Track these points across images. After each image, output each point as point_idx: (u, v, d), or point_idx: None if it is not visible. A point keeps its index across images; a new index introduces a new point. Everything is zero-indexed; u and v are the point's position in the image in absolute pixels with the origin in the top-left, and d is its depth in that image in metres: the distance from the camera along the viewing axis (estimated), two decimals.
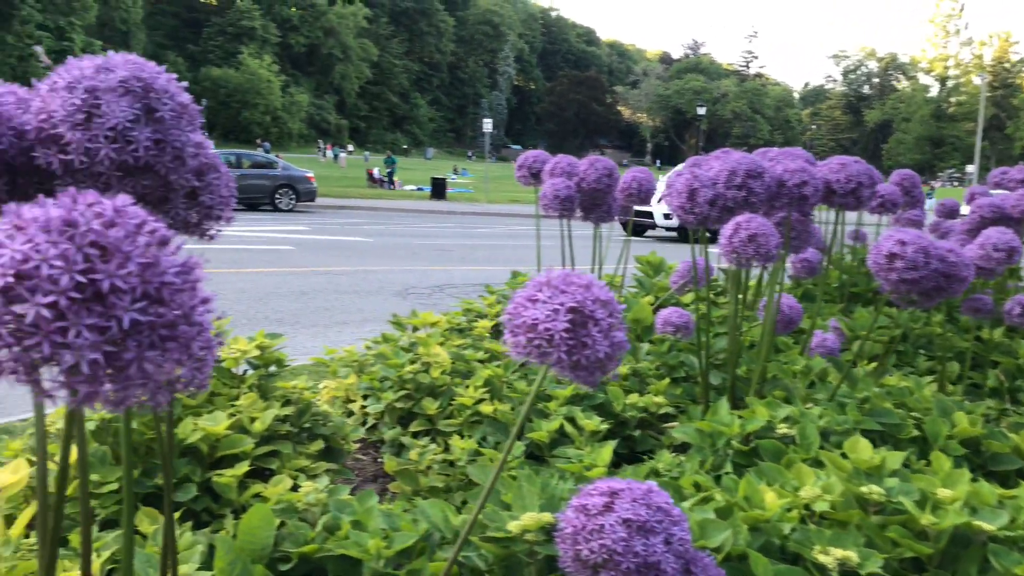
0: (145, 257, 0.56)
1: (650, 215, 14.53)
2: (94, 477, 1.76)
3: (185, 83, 1.01)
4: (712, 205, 2.38)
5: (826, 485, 1.77)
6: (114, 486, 1.77)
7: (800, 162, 2.51)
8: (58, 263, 0.53)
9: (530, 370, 2.91)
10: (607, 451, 1.90)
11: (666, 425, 2.83)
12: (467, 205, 21.94)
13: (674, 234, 15.23)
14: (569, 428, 2.24)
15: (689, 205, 2.39)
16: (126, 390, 0.56)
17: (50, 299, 0.53)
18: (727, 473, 2.15)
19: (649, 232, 15.47)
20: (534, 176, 3.47)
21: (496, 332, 3.58)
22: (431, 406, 2.73)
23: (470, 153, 70.68)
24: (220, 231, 1.13)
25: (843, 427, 2.24)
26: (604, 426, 2.21)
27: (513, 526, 1.28)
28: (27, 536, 1.53)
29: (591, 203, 3.18)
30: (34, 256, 0.53)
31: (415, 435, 2.75)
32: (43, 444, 1.11)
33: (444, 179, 25.54)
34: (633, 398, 2.79)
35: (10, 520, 1.62)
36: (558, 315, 0.99)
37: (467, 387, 2.79)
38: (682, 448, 2.72)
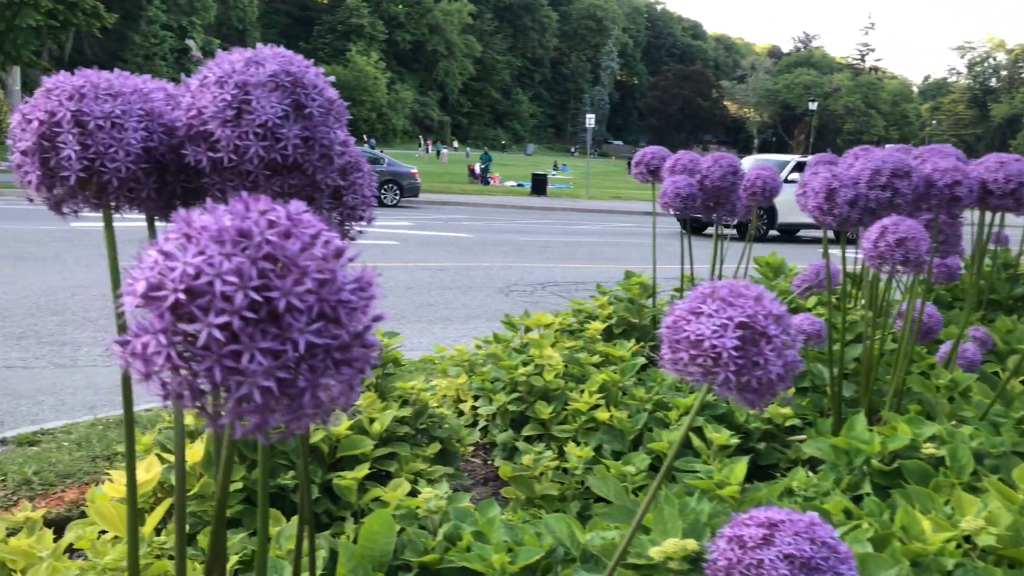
0: (322, 272, 0.50)
1: None
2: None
3: (332, 78, 0.97)
4: (852, 206, 2.22)
5: (989, 515, 1.61)
6: (238, 485, 1.77)
7: (952, 160, 2.32)
8: (232, 279, 0.48)
9: (648, 376, 2.81)
10: (740, 468, 1.79)
11: (792, 438, 2.68)
12: (568, 201, 21.83)
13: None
14: (697, 441, 2.13)
15: (827, 206, 2.24)
16: (298, 420, 0.51)
17: (223, 319, 0.47)
18: (868, 495, 2.01)
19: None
20: (651, 173, 3.35)
21: (608, 334, 3.49)
22: (545, 410, 2.66)
23: (573, 149, 70.30)
24: (362, 232, 1.09)
25: (999, 450, 2.06)
26: (734, 440, 2.09)
27: (655, 552, 1.19)
28: (157, 534, 1.54)
29: (714, 202, 3.04)
30: (207, 270, 0.48)
31: (527, 439, 2.69)
32: (181, 443, 1.09)
33: (545, 175, 25.48)
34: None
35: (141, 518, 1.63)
36: (726, 331, 0.90)
37: (582, 392, 2.71)
38: (808, 464, 2.57)
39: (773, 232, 14.20)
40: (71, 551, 1.67)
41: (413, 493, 1.99)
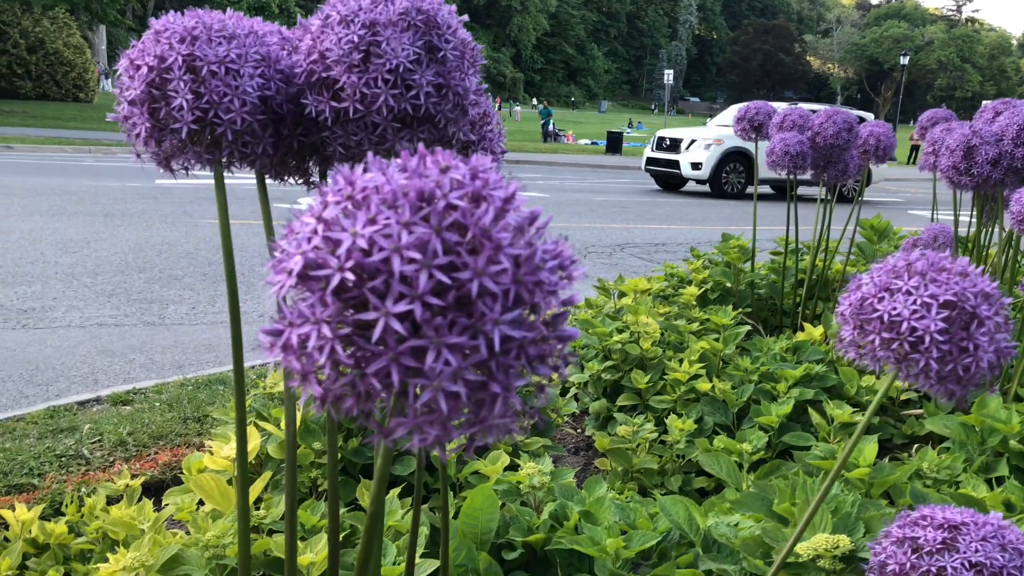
0: (519, 247, 0.39)
1: (675, 164, 12.90)
2: (316, 445, 1.70)
3: (466, 16, 0.85)
4: (995, 165, 2.02)
5: None
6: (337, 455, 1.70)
7: None
8: (414, 255, 0.37)
9: (752, 345, 2.66)
10: (870, 450, 1.64)
11: (908, 412, 2.51)
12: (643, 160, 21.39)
13: (705, 187, 13.05)
14: (816, 418, 1.99)
15: (964, 165, 2.04)
16: (487, 431, 0.40)
17: (403, 306, 0.37)
18: (1007, 477, 1.84)
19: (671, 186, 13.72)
20: (755, 130, 3.16)
21: (703, 300, 3.33)
22: (641, 379, 2.54)
23: (654, 106, 68.72)
24: None
25: None
26: (858, 417, 1.93)
27: (803, 549, 1.07)
28: (256, 508, 1.49)
29: (825, 160, 2.84)
30: (383, 244, 0.37)
31: (622, 409, 2.58)
32: (292, 414, 1.01)
33: (620, 133, 24.98)
34: (870, 380, 2.49)
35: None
36: (930, 311, 0.76)
37: (680, 361, 2.58)
38: (927, 440, 2.40)
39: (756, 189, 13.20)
40: (169, 520, 1.64)
41: (512, 466, 1.91)
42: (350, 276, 0.37)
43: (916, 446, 2.32)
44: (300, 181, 0.95)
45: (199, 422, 2.61)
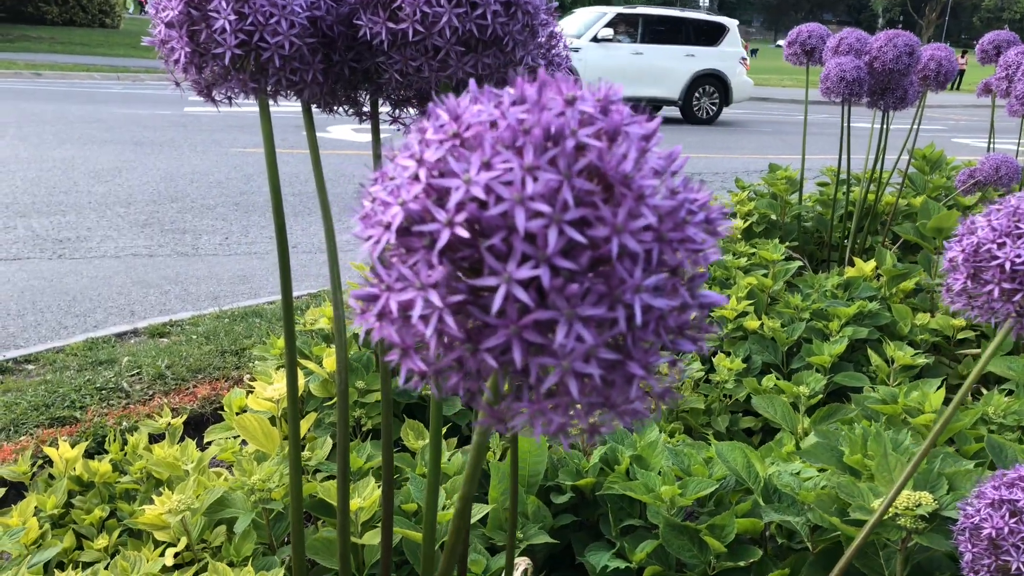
0: (664, 197, 0.32)
1: None
2: (359, 384, 1.66)
3: None
4: None
5: None
6: (379, 395, 1.67)
7: None
8: (542, 207, 0.30)
9: (802, 282, 2.58)
10: (937, 396, 1.57)
11: (964, 352, 2.42)
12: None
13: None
14: (876, 359, 1.91)
15: None
16: (619, 416, 0.34)
17: (528, 270, 0.30)
18: None
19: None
20: (807, 54, 3.01)
21: (747, 234, 3.23)
22: None
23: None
24: None
25: None
26: (920, 360, 1.86)
27: (879, 505, 1.01)
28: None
29: (883, 86, 2.70)
30: (503, 193, 0.30)
31: None
32: (344, 359, 0.95)
33: None
34: (923, 318, 2.40)
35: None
36: None
37: (727, 297, 2.50)
38: (984, 381, 2.32)
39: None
40: (213, 459, 1.62)
41: None
42: (463, 232, 0.30)
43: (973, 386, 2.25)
44: (351, 112, 0.87)
45: (236, 355, 2.60)
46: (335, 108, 0.87)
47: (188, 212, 4.74)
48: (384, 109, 0.89)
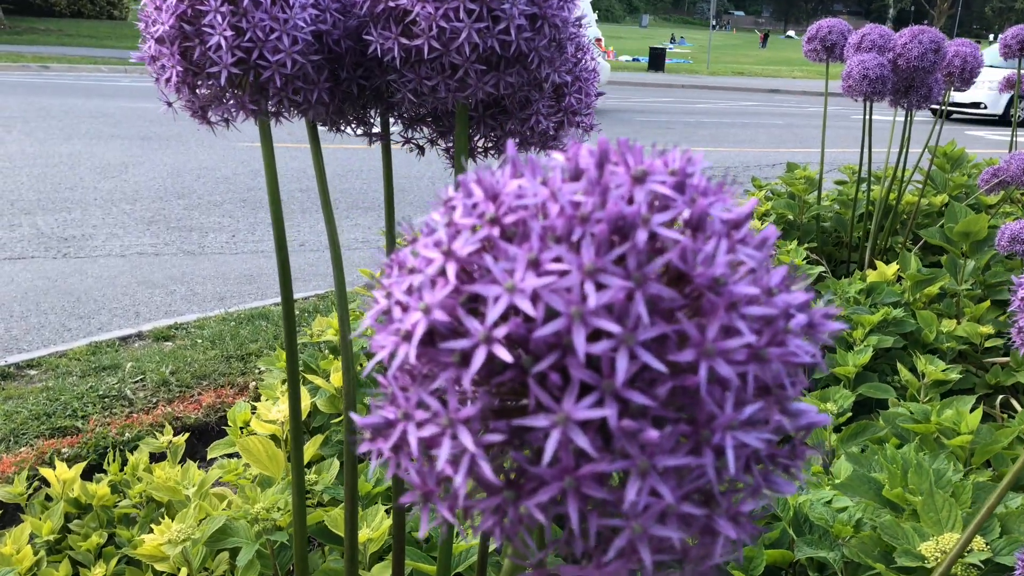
0: (764, 306, 0.25)
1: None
2: (367, 400, 1.59)
3: None
4: None
5: None
6: None
7: None
8: (608, 324, 0.23)
9: (825, 287, 2.50)
10: (974, 417, 1.49)
11: (992, 360, 2.34)
12: (687, 77, 20.66)
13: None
14: (905, 374, 1.84)
15: None
16: (695, 575, 0.27)
17: (588, 408, 0.23)
18: None
19: None
20: (827, 50, 2.92)
21: None
22: None
23: (719, 24, 65.79)
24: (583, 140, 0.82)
25: None
26: (954, 376, 1.78)
27: (928, 550, 0.94)
28: (307, 470, 1.39)
29: (907, 84, 2.62)
30: (559, 306, 0.23)
31: None
32: (351, 371, 0.89)
33: (662, 49, 24.15)
34: (949, 325, 2.32)
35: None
36: None
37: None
38: (1012, 391, 2.24)
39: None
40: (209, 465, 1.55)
41: None
42: (504, 355, 0.23)
43: (1001, 397, 2.17)
44: (360, 132, 0.80)
45: (242, 361, 2.54)
46: (342, 128, 0.79)
47: (195, 209, 4.69)
48: (395, 128, 0.82)
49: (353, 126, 0.80)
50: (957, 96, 12.14)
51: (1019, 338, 0.68)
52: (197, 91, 0.67)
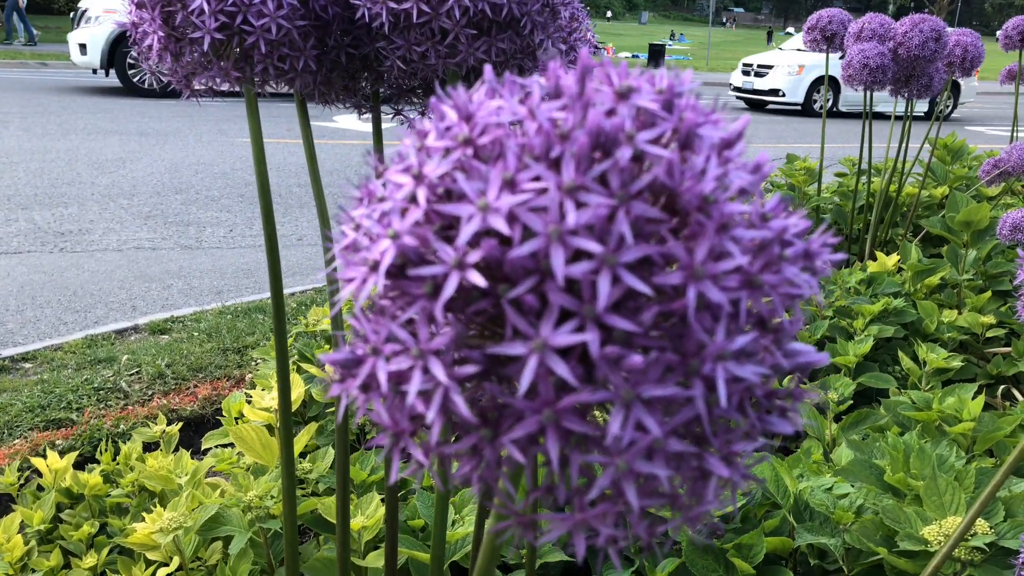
0: (757, 228, 0.23)
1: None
2: None
3: None
4: None
5: None
6: None
7: None
8: (588, 244, 0.21)
9: (825, 279, 2.48)
10: (976, 403, 1.48)
11: (993, 350, 2.33)
12: (687, 74, 20.56)
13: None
14: (906, 361, 1.82)
15: None
16: (687, 522, 0.25)
17: (568, 334, 0.21)
18: None
19: None
20: (827, 40, 2.90)
21: None
22: None
23: (725, 20, 65.45)
24: None
25: None
26: (955, 364, 1.76)
27: (930, 534, 0.92)
28: (302, 457, 1.37)
29: (908, 74, 2.60)
30: (535, 225, 0.21)
31: None
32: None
33: (662, 45, 24.10)
34: (950, 315, 2.30)
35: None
36: None
37: None
38: (1014, 381, 2.23)
39: None
40: (204, 455, 1.54)
41: None
42: (477, 279, 0.22)
43: (1002, 386, 2.15)
44: (349, 104, 0.78)
45: (239, 353, 2.52)
46: (331, 100, 0.78)
47: (192, 204, 4.67)
48: (386, 110, 0.80)
49: (343, 99, 0.78)
50: (757, 83, 12.02)
51: None
52: (180, 59, 0.65)
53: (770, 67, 12.18)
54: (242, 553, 1.18)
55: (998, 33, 3.30)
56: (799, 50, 12.60)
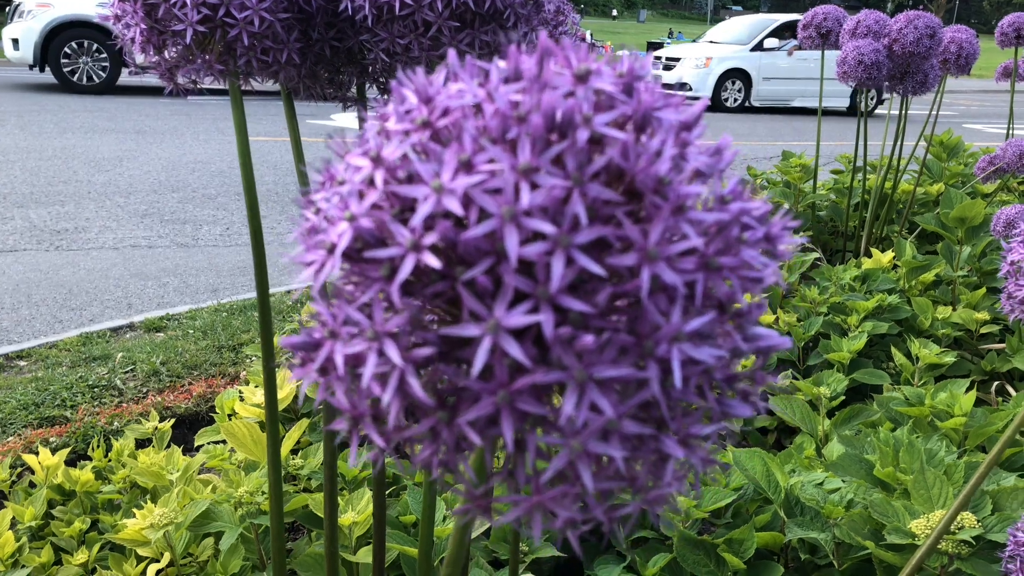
0: (715, 209, 0.23)
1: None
2: None
3: None
4: None
5: None
6: None
7: None
8: (542, 225, 0.21)
9: (819, 275, 2.48)
10: (967, 399, 1.48)
11: (987, 347, 2.33)
12: (648, 58, 20.57)
13: None
14: (899, 357, 1.82)
15: None
16: (646, 504, 0.25)
17: (522, 315, 0.21)
18: None
19: None
20: (822, 37, 2.90)
21: None
22: None
23: (724, 19, 65.16)
24: None
25: None
26: (948, 359, 1.77)
27: (917, 527, 0.92)
28: (294, 454, 1.37)
29: (903, 70, 2.60)
30: (490, 207, 0.22)
31: None
32: None
33: (660, 43, 24.15)
34: (944, 311, 2.30)
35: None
36: None
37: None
38: (1008, 377, 2.23)
39: None
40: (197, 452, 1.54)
41: None
42: (432, 261, 0.22)
43: (996, 383, 2.15)
44: (334, 96, 0.78)
45: (234, 351, 2.52)
46: (317, 94, 0.78)
47: (189, 202, 4.66)
48: (373, 94, 0.80)
49: (329, 92, 0.78)
50: (665, 76, 11.65)
51: (1008, 304, 0.67)
52: (163, 52, 0.65)
53: (678, 60, 11.79)
54: (233, 549, 1.18)
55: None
56: (712, 42, 12.21)
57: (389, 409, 0.23)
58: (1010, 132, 3.63)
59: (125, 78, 8.81)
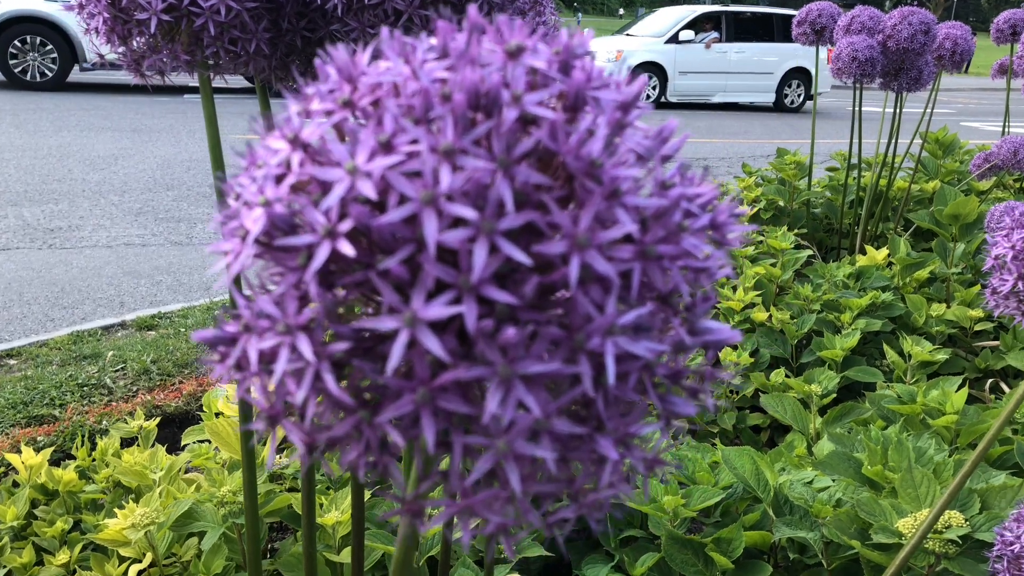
0: (650, 193, 0.22)
1: None
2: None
3: None
4: None
5: None
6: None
7: None
8: (464, 210, 0.20)
9: (813, 272, 2.47)
10: (959, 396, 1.47)
11: (981, 344, 2.31)
12: (588, 33, 20.53)
13: None
14: (891, 355, 1.81)
15: None
16: (583, 509, 0.24)
17: (442, 306, 0.20)
18: None
19: None
20: (817, 33, 2.89)
21: (754, 221, 3.12)
22: None
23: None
24: None
25: None
26: (941, 356, 1.75)
27: (905, 526, 0.91)
28: (279, 452, 1.36)
29: (897, 67, 2.58)
30: (407, 190, 0.20)
31: None
32: None
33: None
34: (938, 309, 2.29)
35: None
36: None
37: (734, 288, 2.39)
38: (1002, 375, 2.22)
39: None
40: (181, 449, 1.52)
41: None
42: (346, 249, 0.20)
43: (990, 380, 2.14)
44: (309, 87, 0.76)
45: None
46: (290, 86, 0.76)
47: (184, 200, 4.65)
48: None
49: (302, 83, 0.76)
50: None
51: (992, 300, 0.65)
52: (128, 42, 0.63)
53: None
54: (215, 548, 1.16)
55: None
56: (628, 35, 11.70)
57: (306, 407, 0.22)
58: (1006, 129, 3.61)
59: (76, 74, 8.64)
